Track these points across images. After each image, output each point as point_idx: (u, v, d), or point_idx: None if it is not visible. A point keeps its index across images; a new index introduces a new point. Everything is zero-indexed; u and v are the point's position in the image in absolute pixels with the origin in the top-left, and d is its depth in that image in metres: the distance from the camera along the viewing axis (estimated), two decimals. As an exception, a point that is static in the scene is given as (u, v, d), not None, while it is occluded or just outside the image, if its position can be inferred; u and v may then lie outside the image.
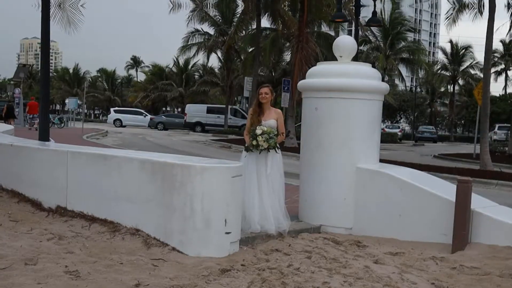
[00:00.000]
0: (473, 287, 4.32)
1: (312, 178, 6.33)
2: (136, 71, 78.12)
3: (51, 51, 9.98)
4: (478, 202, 5.78)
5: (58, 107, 76.26)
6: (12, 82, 52.23)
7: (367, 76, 6.35)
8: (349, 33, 34.45)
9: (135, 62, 78.28)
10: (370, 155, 6.31)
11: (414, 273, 4.63)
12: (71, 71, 71.83)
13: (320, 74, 6.45)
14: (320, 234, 5.96)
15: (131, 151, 7.38)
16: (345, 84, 6.17)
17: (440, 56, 56.52)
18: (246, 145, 5.84)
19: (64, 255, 4.62)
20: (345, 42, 6.64)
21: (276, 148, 5.78)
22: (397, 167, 6.98)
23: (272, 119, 5.85)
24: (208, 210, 4.90)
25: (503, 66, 49.63)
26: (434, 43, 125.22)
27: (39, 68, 10.50)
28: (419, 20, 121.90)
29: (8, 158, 7.22)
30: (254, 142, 5.64)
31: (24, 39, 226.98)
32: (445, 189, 5.97)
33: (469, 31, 63.58)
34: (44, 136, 8.78)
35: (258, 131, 5.64)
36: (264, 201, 5.67)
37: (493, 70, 43.06)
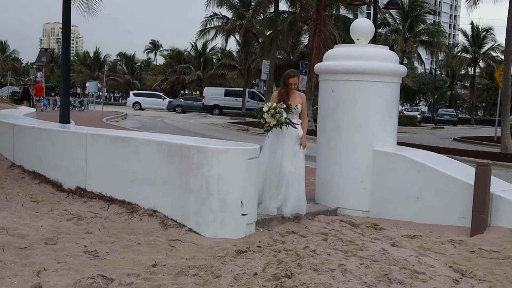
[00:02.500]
0: (492, 271, 4.26)
1: (329, 160, 6.31)
2: (155, 55, 78.44)
3: (72, 35, 10.11)
4: (498, 185, 5.70)
5: (79, 90, 77.15)
6: (34, 66, 52.90)
7: (384, 58, 6.26)
8: (368, 16, 33.90)
9: (154, 46, 78.49)
10: (387, 138, 6.24)
11: (432, 256, 4.59)
12: (92, 55, 72.37)
13: (337, 57, 6.38)
14: (336, 217, 5.96)
15: (149, 134, 7.43)
16: (361, 66, 6.09)
17: (461, 38, 55.17)
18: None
19: (83, 235, 4.72)
20: (362, 25, 6.55)
21: (294, 124, 5.68)
22: (415, 150, 6.91)
23: (298, 104, 5.84)
24: (224, 192, 4.92)
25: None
26: (454, 25, 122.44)
27: (61, 53, 10.62)
28: (439, 2, 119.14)
29: (29, 140, 7.36)
30: (262, 121, 5.55)
31: (46, 24, 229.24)
32: (464, 172, 5.89)
33: (490, 13, 61.76)
34: (64, 119, 8.91)
35: (265, 108, 5.53)
36: (283, 182, 5.65)
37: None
